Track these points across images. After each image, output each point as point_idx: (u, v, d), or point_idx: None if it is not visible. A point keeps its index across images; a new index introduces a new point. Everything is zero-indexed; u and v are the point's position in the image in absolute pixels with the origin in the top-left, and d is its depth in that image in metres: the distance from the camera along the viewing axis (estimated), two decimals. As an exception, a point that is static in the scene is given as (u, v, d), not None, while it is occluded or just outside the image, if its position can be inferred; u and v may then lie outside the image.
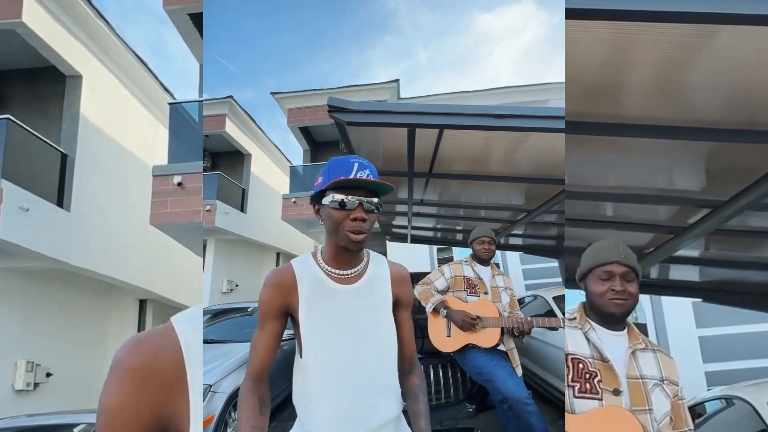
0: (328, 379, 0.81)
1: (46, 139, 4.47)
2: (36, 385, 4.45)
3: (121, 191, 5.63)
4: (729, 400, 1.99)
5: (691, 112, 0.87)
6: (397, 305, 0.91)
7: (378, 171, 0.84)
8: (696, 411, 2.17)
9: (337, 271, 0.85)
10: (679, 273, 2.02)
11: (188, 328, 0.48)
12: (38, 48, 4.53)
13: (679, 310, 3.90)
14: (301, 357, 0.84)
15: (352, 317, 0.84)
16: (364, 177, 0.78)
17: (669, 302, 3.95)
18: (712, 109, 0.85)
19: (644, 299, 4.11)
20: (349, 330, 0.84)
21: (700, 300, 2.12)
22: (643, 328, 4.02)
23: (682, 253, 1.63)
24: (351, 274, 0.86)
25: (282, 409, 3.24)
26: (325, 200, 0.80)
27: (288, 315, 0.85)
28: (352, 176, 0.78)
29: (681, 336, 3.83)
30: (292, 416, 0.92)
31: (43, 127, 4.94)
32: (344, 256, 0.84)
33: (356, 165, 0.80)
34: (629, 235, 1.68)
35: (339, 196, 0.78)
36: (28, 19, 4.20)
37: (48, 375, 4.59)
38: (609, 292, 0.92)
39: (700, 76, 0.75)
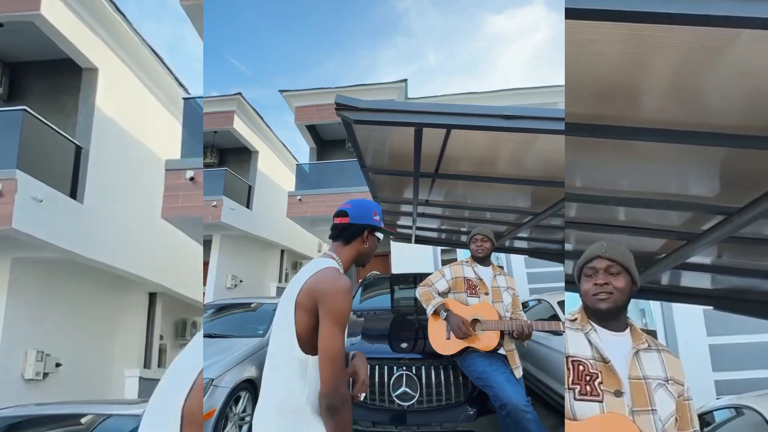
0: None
1: (61, 131, 4.55)
2: (45, 374, 4.52)
3: (134, 185, 5.71)
4: (739, 410, 1.95)
5: (705, 117, 0.85)
6: None
7: (384, 170, 0.94)
8: (705, 420, 2.13)
9: None
10: (690, 280, 1.97)
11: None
12: (55, 40, 4.61)
13: (689, 317, 3.83)
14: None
15: None
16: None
17: (680, 309, 3.88)
18: (728, 114, 0.83)
19: (655, 306, 4.04)
20: None
21: (712, 308, 2.08)
22: (653, 335, 3.94)
23: (694, 260, 1.60)
24: None
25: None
26: (379, 234, 1.13)
27: None
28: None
29: (691, 344, 3.77)
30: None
31: (58, 119, 5.03)
32: (349, 266, 1.10)
33: None
34: (641, 241, 1.65)
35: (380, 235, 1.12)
36: (46, 12, 4.28)
37: (57, 365, 4.66)
38: (593, 287, 0.92)
39: (714, 81, 0.73)
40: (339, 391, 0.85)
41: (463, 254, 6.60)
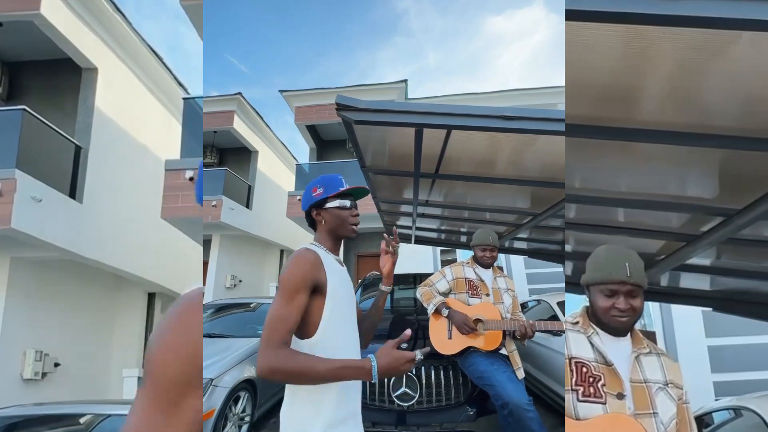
0: (340, 355, 0.87)
1: (60, 131, 4.55)
2: (44, 374, 4.52)
3: (134, 184, 5.70)
4: (737, 411, 1.95)
5: (705, 119, 0.85)
6: None
7: (384, 170, 0.95)
8: (704, 421, 2.13)
9: (336, 257, 1.04)
10: (689, 281, 1.98)
11: None
12: (55, 40, 4.61)
13: (688, 318, 3.83)
14: (311, 336, 0.89)
15: (351, 293, 1.03)
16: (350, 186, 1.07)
17: (679, 311, 3.88)
18: (727, 115, 0.83)
19: (654, 307, 4.05)
20: (351, 306, 1.01)
21: (711, 309, 2.08)
22: (651, 336, 3.95)
23: (693, 261, 1.60)
24: (339, 258, 1.06)
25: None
26: (332, 204, 1.04)
27: (312, 292, 0.91)
28: (347, 186, 1.06)
29: (690, 345, 3.77)
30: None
31: (57, 118, 5.03)
32: (337, 245, 1.07)
33: (342, 179, 1.08)
34: (640, 242, 1.65)
35: (343, 201, 1.04)
36: (46, 11, 4.28)
37: (56, 365, 4.66)
38: (613, 309, 0.90)
39: (714, 82, 0.73)
40: (261, 355, 0.80)
41: (462, 255, 6.60)
